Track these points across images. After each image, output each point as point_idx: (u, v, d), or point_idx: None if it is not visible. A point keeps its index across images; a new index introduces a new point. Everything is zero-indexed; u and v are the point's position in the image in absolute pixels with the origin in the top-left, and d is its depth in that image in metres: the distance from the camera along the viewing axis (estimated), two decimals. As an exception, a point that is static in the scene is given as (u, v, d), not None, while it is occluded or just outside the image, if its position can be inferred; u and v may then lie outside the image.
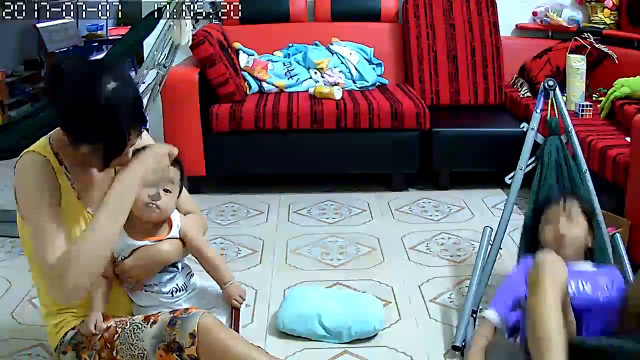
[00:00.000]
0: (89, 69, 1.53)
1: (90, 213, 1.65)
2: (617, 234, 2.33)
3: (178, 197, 1.77)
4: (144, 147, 1.66)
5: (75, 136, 1.52)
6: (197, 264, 1.82)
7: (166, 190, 1.70)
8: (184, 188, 1.81)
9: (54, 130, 1.64)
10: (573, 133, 2.42)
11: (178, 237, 1.75)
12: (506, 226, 2.40)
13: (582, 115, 3.48)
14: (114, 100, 1.47)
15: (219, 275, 1.79)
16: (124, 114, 1.49)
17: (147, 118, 1.67)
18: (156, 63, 3.10)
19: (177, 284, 1.75)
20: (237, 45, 4.10)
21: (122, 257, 1.68)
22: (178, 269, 1.76)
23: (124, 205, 1.53)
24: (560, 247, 2.06)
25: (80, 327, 1.64)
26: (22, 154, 1.59)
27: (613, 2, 4.09)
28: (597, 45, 3.88)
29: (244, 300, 1.80)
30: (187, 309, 1.60)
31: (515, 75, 4.23)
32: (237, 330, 1.78)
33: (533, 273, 1.79)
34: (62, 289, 1.45)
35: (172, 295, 1.73)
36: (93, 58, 5.85)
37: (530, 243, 2.27)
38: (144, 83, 3.16)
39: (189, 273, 1.80)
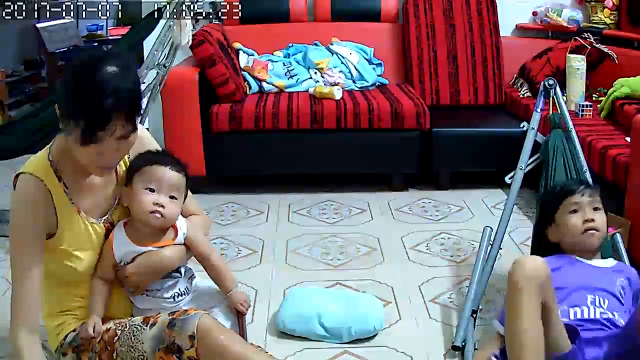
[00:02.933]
0: (99, 53, 1.59)
1: (95, 223, 1.65)
2: (617, 234, 2.33)
3: (183, 201, 1.76)
4: (151, 157, 1.69)
5: (62, 106, 1.51)
6: (197, 264, 1.82)
7: (172, 197, 1.69)
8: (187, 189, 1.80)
9: (54, 140, 1.63)
10: (573, 132, 2.42)
11: (182, 243, 1.74)
12: (506, 226, 2.40)
13: (582, 115, 3.48)
14: (107, 82, 1.45)
15: (224, 282, 1.78)
16: (109, 97, 1.45)
17: (143, 115, 1.64)
18: (156, 63, 3.10)
19: (179, 289, 1.73)
20: (237, 45, 4.10)
21: (125, 262, 1.67)
22: (181, 274, 1.75)
23: None
24: (588, 235, 2.00)
25: (80, 330, 1.64)
26: (18, 172, 1.58)
27: (613, 2, 4.09)
28: (597, 45, 3.88)
29: (249, 305, 1.80)
30: (186, 311, 1.59)
31: (515, 75, 4.22)
32: (244, 336, 1.77)
33: (509, 276, 1.70)
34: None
35: (174, 300, 1.72)
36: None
37: (541, 241, 2.19)
38: (143, 83, 3.15)
39: (191, 276, 1.79)
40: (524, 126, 2.53)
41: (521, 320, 1.66)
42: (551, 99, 2.46)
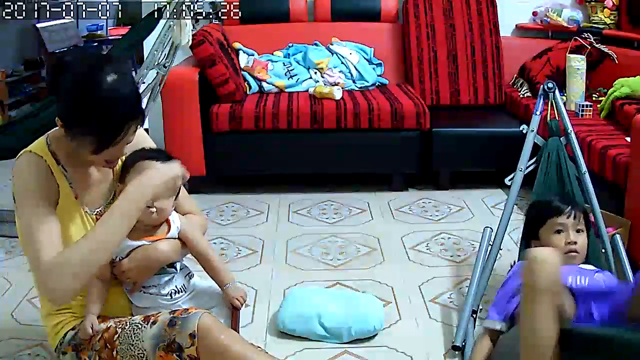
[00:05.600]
0: (93, 58, 1.58)
1: (88, 213, 1.66)
2: (617, 234, 2.33)
3: (176, 198, 1.76)
4: (145, 154, 1.68)
5: (69, 122, 1.52)
6: (196, 264, 1.82)
7: None
8: (182, 187, 1.81)
9: (51, 130, 1.65)
10: (572, 135, 2.41)
11: (177, 237, 1.75)
12: (506, 226, 2.40)
13: (582, 115, 3.48)
14: (112, 92, 1.48)
15: (220, 277, 1.79)
16: (119, 106, 1.49)
17: (145, 116, 1.67)
18: (156, 63, 3.10)
19: (175, 286, 1.74)
20: (237, 45, 4.10)
21: (120, 258, 1.67)
22: (176, 270, 1.75)
23: (126, 223, 1.53)
24: (569, 256, 2.03)
25: (79, 330, 1.64)
26: (19, 154, 1.60)
27: (613, 2, 4.09)
28: (597, 45, 3.88)
29: (245, 301, 1.80)
30: (186, 309, 1.59)
31: (515, 75, 4.23)
32: (237, 331, 1.78)
33: (526, 275, 1.73)
34: (49, 289, 1.47)
35: (171, 297, 1.72)
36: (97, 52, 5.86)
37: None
38: (143, 83, 3.15)
39: (188, 274, 1.80)
40: (523, 128, 2.52)
41: (538, 325, 1.68)
42: (550, 103, 2.46)
